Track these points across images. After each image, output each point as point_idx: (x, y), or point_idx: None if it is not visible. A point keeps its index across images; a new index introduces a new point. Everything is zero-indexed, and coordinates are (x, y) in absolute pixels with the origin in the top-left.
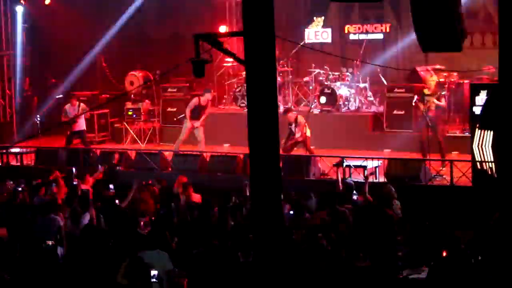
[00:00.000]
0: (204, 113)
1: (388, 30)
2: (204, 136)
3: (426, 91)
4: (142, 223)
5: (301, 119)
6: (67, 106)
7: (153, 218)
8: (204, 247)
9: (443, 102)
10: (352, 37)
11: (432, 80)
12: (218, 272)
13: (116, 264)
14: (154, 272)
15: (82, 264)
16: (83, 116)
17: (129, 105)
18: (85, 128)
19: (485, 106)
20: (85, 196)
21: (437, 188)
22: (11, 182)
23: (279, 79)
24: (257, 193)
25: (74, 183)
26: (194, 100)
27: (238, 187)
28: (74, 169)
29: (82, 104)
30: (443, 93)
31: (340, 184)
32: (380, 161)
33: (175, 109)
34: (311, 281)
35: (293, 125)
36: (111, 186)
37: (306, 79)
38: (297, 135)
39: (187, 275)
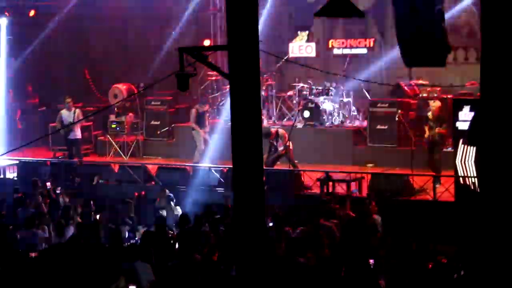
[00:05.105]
0: (207, 119)
1: (372, 45)
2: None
3: (430, 115)
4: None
5: (281, 132)
6: (63, 112)
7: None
8: (180, 259)
9: (444, 130)
10: (336, 51)
11: (435, 105)
12: (194, 285)
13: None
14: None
15: (66, 275)
16: (79, 124)
17: (112, 118)
18: (81, 137)
19: (472, 122)
20: (67, 209)
21: (420, 203)
22: None
23: (263, 93)
24: (241, 207)
25: (57, 192)
26: (193, 111)
27: (221, 201)
28: (49, 183)
29: (77, 110)
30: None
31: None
32: (363, 176)
33: (158, 122)
34: None
35: (274, 140)
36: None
37: (290, 93)
38: (280, 148)
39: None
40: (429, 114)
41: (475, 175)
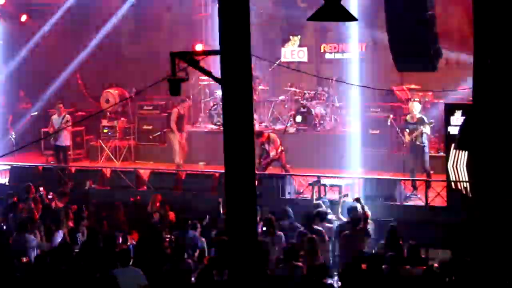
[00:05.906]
0: (185, 122)
1: (364, 50)
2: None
3: (408, 119)
4: (120, 239)
5: (273, 136)
6: (54, 117)
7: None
8: (171, 264)
9: (428, 130)
10: (328, 56)
11: (416, 108)
12: None
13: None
14: None
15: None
16: (68, 130)
17: (104, 122)
18: (69, 144)
19: (462, 127)
20: (58, 214)
21: (412, 207)
22: None
23: (255, 97)
24: (233, 212)
25: (49, 197)
26: (175, 112)
27: (213, 206)
28: (41, 188)
29: (67, 116)
30: (431, 120)
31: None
32: (355, 180)
33: (150, 127)
34: None
35: (266, 144)
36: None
37: (282, 97)
38: (272, 153)
39: None
40: (408, 117)
41: (467, 179)
